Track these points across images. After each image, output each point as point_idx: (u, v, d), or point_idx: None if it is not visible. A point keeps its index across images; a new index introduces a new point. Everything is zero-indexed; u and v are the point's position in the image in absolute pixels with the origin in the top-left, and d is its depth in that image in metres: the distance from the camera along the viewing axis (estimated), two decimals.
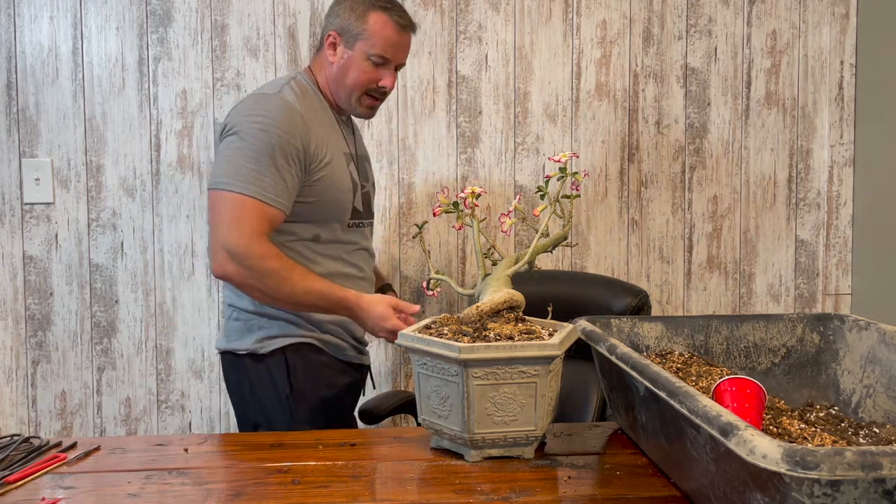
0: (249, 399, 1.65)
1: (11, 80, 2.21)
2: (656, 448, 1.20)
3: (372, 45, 1.64)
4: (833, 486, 0.75)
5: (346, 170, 1.68)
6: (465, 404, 1.19)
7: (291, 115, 1.56)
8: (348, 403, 1.75)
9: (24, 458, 1.24)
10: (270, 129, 1.53)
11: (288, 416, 1.61)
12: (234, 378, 1.68)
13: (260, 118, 1.54)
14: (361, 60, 1.65)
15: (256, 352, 1.62)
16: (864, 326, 1.35)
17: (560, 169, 1.34)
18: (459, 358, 1.16)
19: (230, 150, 1.54)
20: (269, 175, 1.51)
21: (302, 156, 1.57)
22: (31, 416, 2.26)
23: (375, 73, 1.66)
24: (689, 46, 2.34)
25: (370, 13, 1.64)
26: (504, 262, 1.38)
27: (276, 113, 1.55)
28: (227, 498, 1.10)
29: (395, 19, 1.65)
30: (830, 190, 2.38)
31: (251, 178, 1.50)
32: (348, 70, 1.65)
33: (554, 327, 1.32)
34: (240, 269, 1.49)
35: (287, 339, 1.63)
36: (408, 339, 1.25)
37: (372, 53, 1.64)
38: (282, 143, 1.53)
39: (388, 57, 1.66)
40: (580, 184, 1.36)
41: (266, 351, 1.62)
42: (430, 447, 1.29)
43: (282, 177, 1.53)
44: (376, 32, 1.64)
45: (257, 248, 1.49)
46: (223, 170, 1.53)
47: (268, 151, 1.52)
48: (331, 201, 1.64)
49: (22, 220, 2.22)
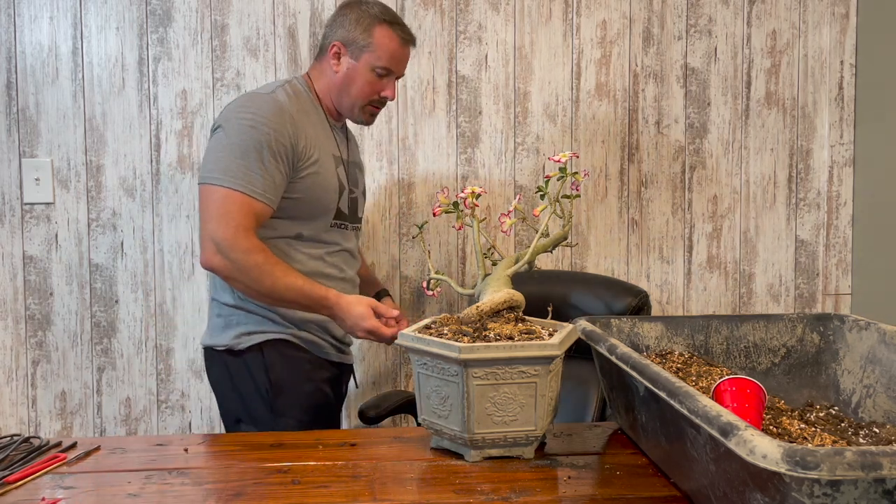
0: (230, 394, 1.68)
1: (11, 80, 2.21)
2: (656, 448, 1.20)
3: (378, 57, 1.70)
4: (833, 486, 0.75)
5: (333, 171, 1.70)
6: (465, 404, 1.19)
7: (281, 112, 1.60)
8: (331, 398, 1.76)
9: (24, 458, 1.24)
10: (259, 125, 1.56)
11: (268, 410, 1.63)
12: (214, 373, 1.71)
13: (250, 115, 1.58)
14: (366, 72, 1.70)
15: (234, 347, 1.65)
16: (864, 326, 1.35)
17: (560, 169, 1.34)
18: (459, 358, 1.16)
19: (219, 145, 1.57)
20: (256, 170, 1.55)
21: (290, 153, 1.60)
22: (31, 416, 2.26)
23: (379, 84, 1.73)
24: (689, 46, 2.34)
25: (376, 27, 1.70)
26: (504, 262, 1.38)
27: (265, 110, 1.58)
28: (227, 498, 1.10)
29: (400, 33, 1.72)
30: (830, 190, 2.38)
31: (239, 174, 1.54)
32: (353, 81, 1.71)
33: (554, 327, 1.32)
34: (225, 261, 1.53)
35: (264, 335, 1.65)
36: (408, 338, 1.25)
37: (377, 66, 1.70)
38: (269, 140, 1.56)
39: (392, 69, 1.73)
40: (580, 184, 1.37)
41: (243, 346, 1.65)
42: (430, 447, 1.30)
43: (269, 172, 1.56)
44: (382, 45, 1.70)
45: (243, 242, 1.53)
46: (212, 165, 1.56)
47: (256, 147, 1.55)
48: (315, 199, 1.67)
49: (22, 220, 2.22)
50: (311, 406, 1.67)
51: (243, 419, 1.66)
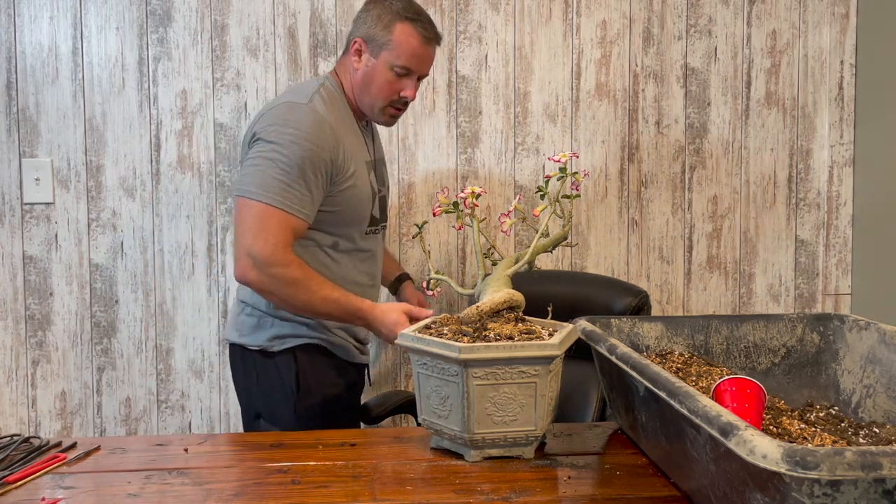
0: (255, 390, 1.70)
1: (11, 80, 2.21)
2: (656, 448, 1.20)
3: (397, 55, 1.65)
4: (833, 486, 0.75)
5: (367, 180, 1.70)
6: (465, 404, 1.19)
7: (322, 127, 1.58)
8: (350, 401, 1.78)
9: (24, 458, 1.24)
10: (301, 141, 1.55)
11: (292, 411, 1.65)
12: (241, 370, 1.72)
13: (293, 130, 1.56)
14: (385, 70, 1.66)
15: (267, 349, 1.67)
16: (864, 326, 1.35)
17: (560, 169, 1.34)
18: (459, 358, 1.16)
19: (259, 158, 1.56)
20: (296, 187, 1.54)
21: (329, 168, 1.59)
22: (31, 416, 2.26)
23: (398, 83, 1.67)
24: (689, 46, 2.34)
25: (396, 23, 1.64)
26: (504, 262, 1.38)
27: (308, 125, 1.57)
28: (227, 498, 1.10)
29: (421, 31, 1.65)
30: (830, 190, 2.38)
31: (279, 189, 1.53)
32: (372, 79, 1.67)
33: (554, 327, 1.32)
34: (261, 276, 1.53)
35: (298, 339, 1.67)
36: (408, 339, 1.25)
37: (396, 64, 1.65)
38: (312, 157, 1.55)
39: (412, 68, 1.67)
40: (580, 184, 1.37)
41: (277, 349, 1.67)
42: (430, 447, 1.30)
43: (308, 189, 1.56)
44: (401, 43, 1.64)
45: (280, 257, 1.52)
46: (251, 178, 1.55)
47: (297, 164, 1.54)
48: (352, 210, 1.67)
49: (22, 220, 2.22)
50: (332, 409, 1.69)
51: (264, 416, 1.68)
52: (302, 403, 1.66)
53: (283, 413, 1.66)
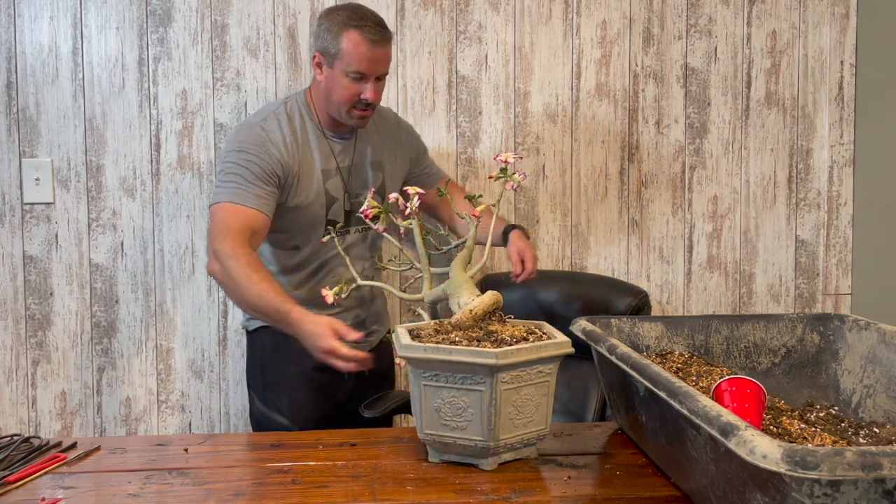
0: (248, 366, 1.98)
1: (11, 80, 2.21)
2: (656, 448, 1.20)
3: (348, 63, 1.74)
4: (833, 487, 0.75)
5: (318, 187, 1.81)
6: (492, 411, 1.15)
7: (263, 143, 1.76)
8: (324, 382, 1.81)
9: (24, 458, 1.24)
10: (246, 154, 1.74)
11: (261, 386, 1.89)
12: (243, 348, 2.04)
13: (238, 145, 1.77)
14: (341, 77, 1.75)
15: (247, 328, 1.94)
16: (864, 326, 1.35)
17: (501, 169, 1.39)
18: (497, 364, 1.12)
19: (220, 175, 1.77)
20: (244, 185, 1.71)
21: (273, 175, 1.74)
22: (31, 416, 2.26)
23: (356, 87, 1.76)
24: (689, 46, 2.34)
25: (343, 33, 1.73)
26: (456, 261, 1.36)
27: (252, 141, 1.76)
28: (227, 498, 1.10)
29: (367, 36, 1.74)
30: (830, 190, 2.38)
31: (230, 188, 1.71)
32: (332, 88, 1.77)
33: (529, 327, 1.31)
34: (217, 266, 1.65)
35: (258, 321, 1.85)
36: (418, 350, 1.21)
37: (349, 70, 1.74)
38: (259, 162, 1.73)
39: (365, 71, 1.75)
40: (517, 184, 1.40)
41: (251, 328, 1.92)
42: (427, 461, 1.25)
43: (257, 185, 1.71)
44: (350, 51, 1.73)
45: (229, 247, 1.62)
46: (215, 191, 1.77)
47: (245, 167, 1.72)
48: (302, 215, 1.81)
49: (22, 220, 2.22)
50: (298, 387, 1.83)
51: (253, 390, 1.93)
52: (269, 377, 1.86)
53: (257, 387, 1.90)
